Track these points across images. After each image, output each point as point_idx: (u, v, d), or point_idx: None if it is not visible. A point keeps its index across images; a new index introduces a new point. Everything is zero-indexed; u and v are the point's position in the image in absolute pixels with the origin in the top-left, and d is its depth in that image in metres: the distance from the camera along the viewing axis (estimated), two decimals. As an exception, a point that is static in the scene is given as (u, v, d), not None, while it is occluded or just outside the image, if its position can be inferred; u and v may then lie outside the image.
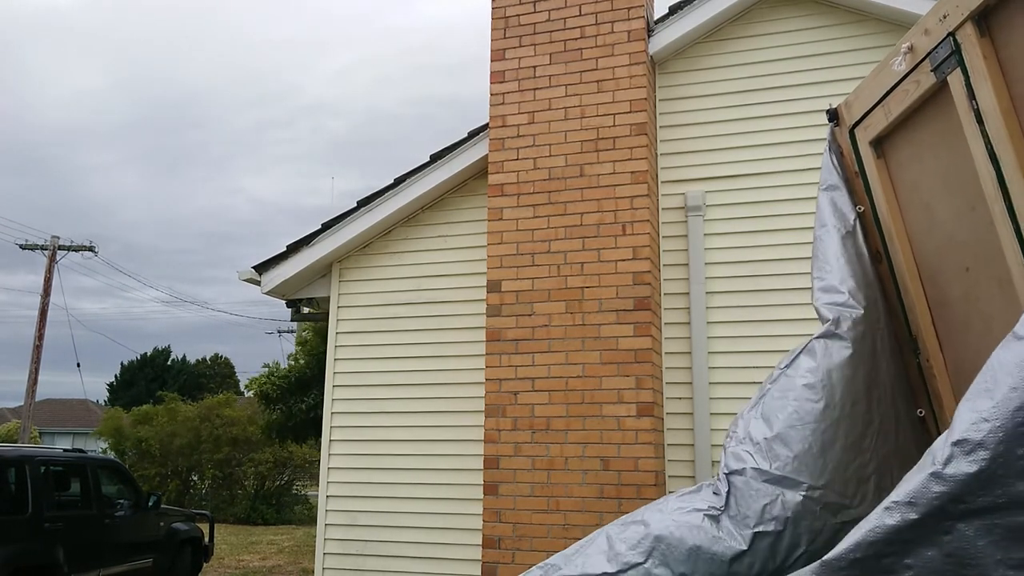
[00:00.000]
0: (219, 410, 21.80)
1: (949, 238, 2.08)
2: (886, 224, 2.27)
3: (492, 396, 5.55)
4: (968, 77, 1.89)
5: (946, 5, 1.93)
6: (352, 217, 6.50)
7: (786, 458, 2.10)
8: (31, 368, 24.46)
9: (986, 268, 1.89)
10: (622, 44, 5.71)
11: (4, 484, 7.57)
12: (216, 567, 12.09)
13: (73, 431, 40.07)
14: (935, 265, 2.15)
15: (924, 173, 2.14)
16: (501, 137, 5.89)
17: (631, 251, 5.43)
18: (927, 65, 2.00)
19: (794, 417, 2.14)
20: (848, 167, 2.39)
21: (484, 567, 5.33)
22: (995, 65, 1.84)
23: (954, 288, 2.10)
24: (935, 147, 2.04)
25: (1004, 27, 1.81)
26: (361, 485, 6.28)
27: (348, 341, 6.57)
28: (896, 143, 2.22)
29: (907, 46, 2.08)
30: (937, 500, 1.40)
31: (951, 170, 1.98)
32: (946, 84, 1.96)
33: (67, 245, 26.37)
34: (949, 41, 1.93)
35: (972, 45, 1.87)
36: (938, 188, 2.08)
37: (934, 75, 1.98)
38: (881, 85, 2.20)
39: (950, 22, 1.91)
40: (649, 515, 2.19)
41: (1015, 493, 1.33)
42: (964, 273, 2.03)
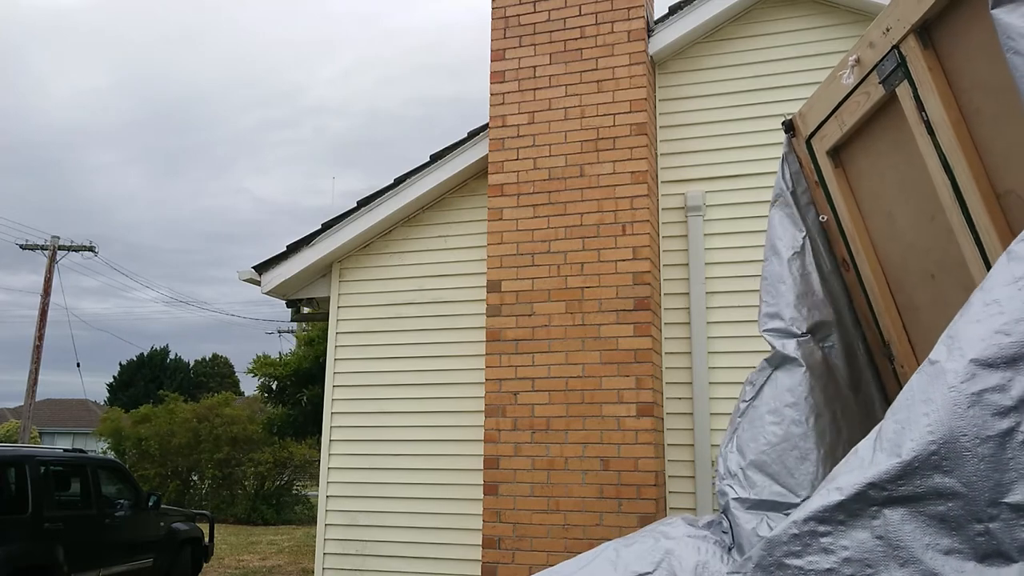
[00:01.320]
0: (219, 409, 21.78)
1: (912, 246, 2.08)
2: (850, 233, 2.26)
3: (492, 396, 5.55)
4: (916, 89, 1.88)
5: (888, 18, 1.91)
6: (352, 217, 6.51)
7: (761, 483, 2.18)
8: (31, 368, 24.46)
9: (951, 275, 1.89)
10: (622, 44, 5.72)
11: (4, 484, 7.56)
12: (216, 567, 12.09)
13: (73, 431, 40.06)
14: (901, 272, 2.15)
15: (882, 182, 2.13)
16: (501, 137, 5.89)
17: (631, 251, 5.44)
18: (875, 77, 1.99)
19: (762, 443, 2.23)
20: (808, 177, 2.37)
21: (484, 567, 5.33)
22: (941, 76, 1.83)
23: (922, 294, 2.09)
24: (891, 156, 2.02)
25: (947, 38, 1.80)
26: (361, 485, 6.28)
27: (348, 341, 6.57)
28: (853, 153, 2.21)
29: (854, 59, 2.06)
30: (859, 487, 1.56)
31: (908, 179, 1.97)
32: (895, 96, 1.95)
33: (67, 245, 26.38)
34: (894, 54, 1.91)
35: (917, 57, 1.86)
36: (897, 197, 2.07)
37: (883, 87, 1.97)
38: (833, 97, 2.18)
39: (893, 35, 1.90)
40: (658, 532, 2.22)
41: (932, 484, 1.48)
42: (930, 280, 2.03)
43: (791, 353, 2.26)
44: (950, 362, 1.48)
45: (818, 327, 2.28)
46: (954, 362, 1.48)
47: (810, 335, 2.27)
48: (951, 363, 1.48)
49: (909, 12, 1.83)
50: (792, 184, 2.41)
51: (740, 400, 2.35)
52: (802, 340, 2.26)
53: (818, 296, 2.31)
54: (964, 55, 1.77)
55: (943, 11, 1.77)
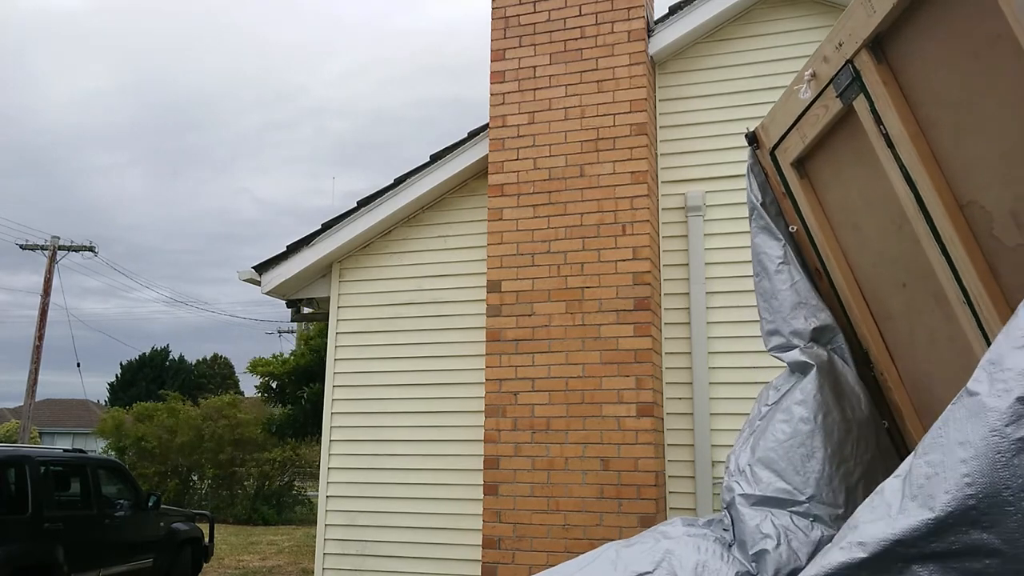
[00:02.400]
0: (226, 411, 21.75)
1: (882, 255, 2.07)
2: (820, 243, 2.25)
3: (492, 396, 5.55)
4: (872, 103, 1.86)
5: (840, 33, 1.89)
6: (352, 217, 6.50)
7: (767, 479, 2.15)
8: (31, 368, 24.46)
9: (921, 284, 1.88)
10: (622, 44, 5.71)
11: (4, 484, 7.56)
12: (216, 567, 12.08)
13: (73, 431, 40.05)
14: (873, 281, 2.14)
15: (848, 193, 2.12)
16: (501, 137, 5.89)
17: (631, 251, 5.43)
18: (832, 91, 1.97)
19: (771, 440, 2.20)
20: (775, 188, 2.35)
21: (484, 567, 5.33)
22: (896, 90, 1.81)
23: (894, 303, 2.08)
24: (854, 168, 2.01)
25: (900, 53, 1.78)
26: (361, 485, 6.28)
27: (348, 341, 6.57)
28: (817, 164, 2.19)
29: (810, 73, 2.04)
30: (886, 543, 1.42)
31: (872, 190, 1.95)
32: (853, 109, 1.93)
33: (67, 245, 26.38)
34: (849, 68, 1.89)
35: (871, 72, 1.84)
36: (863, 207, 2.06)
37: (840, 101, 1.95)
38: (792, 110, 2.16)
39: (846, 50, 1.88)
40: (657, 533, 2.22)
41: (969, 540, 1.34)
42: (902, 288, 2.02)
43: (799, 358, 2.24)
44: (992, 398, 1.32)
45: (820, 332, 2.27)
46: (997, 399, 1.32)
47: (814, 343, 2.26)
48: (994, 399, 1.32)
49: (860, 28, 1.82)
50: (761, 195, 2.38)
51: (761, 403, 2.32)
52: (805, 348, 2.24)
53: (812, 302, 2.29)
54: (918, 69, 1.76)
55: (893, 26, 1.76)
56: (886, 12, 1.73)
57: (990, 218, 1.68)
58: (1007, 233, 1.64)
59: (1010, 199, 1.62)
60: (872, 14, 1.77)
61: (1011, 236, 1.63)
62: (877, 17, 1.76)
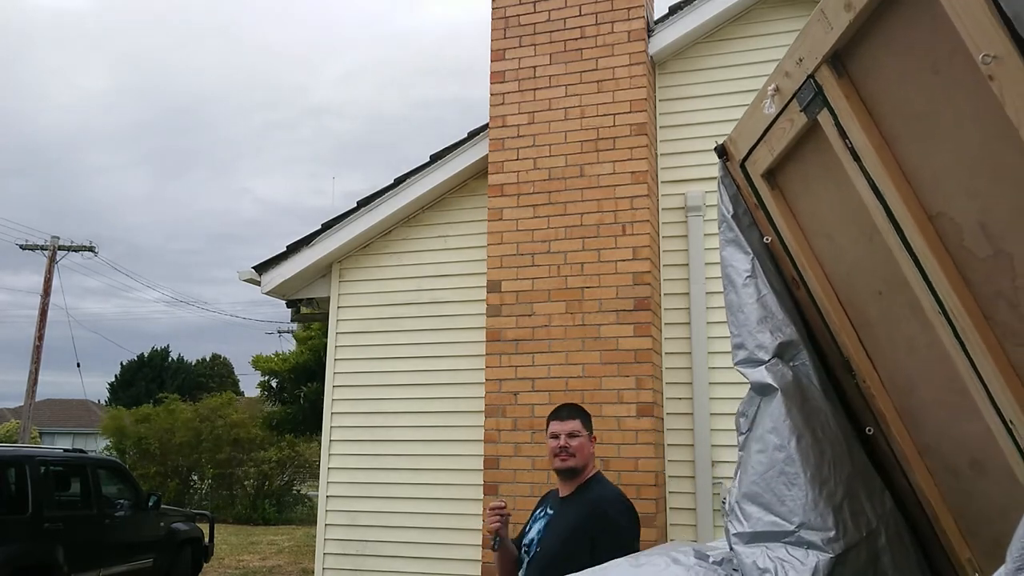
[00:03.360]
0: (221, 411, 21.79)
1: (856, 264, 2.06)
2: (795, 252, 2.24)
3: (492, 396, 5.55)
4: (836, 117, 1.86)
5: (799, 49, 1.88)
6: (352, 217, 6.51)
7: (756, 514, 2.14)
8: (31, 368, 24.46)
9: (896, 293, 1.88)
10: (622, 44, 5.71)
11: (4, 484, 7.57)
12: (216, 567, 12.09)
13: (73, 431, 40.05)
14: (849, 289, 2.14)
15: (818, 204, 2.12)
16: (501, 137, 5.89)
17: (631, 251, 5.43)
18: (796, 105, 1.96)
19: (751, 474, 2.19)
20: (747, 199, 2.34)
21: (484, 567, 5.33)
22: (859, 104, 1.81)
23: (872, 310, 2.08)
24: (823, 179, 2.00)
25: (860, 67, 1.78)
26: (361, 485, 6.28)
27: (348, 341, 6.57)
28: (787, 176, 2.18)
29: (773, 88, 2.03)
30: None
31: (843, 201, 1.95)
32: (818, 122, 1.93)
33: (67, 245, 26.38)
34: (811, 83, 1.89)
35: (832, 86, 1.84)
36: (835, 218, 2.06)
37: (805, 115, 1.95)
38: (758, 124, 2.15)
39: (807, 65, 1.87)
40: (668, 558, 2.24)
41: None
42: (878, 296, 2.01)
43: (764, 379, 2.21)
44: None
45: (784, 348, 2.26)
46: None
47: (778, 358, 2.24)
48: None
49: (818, 44, 1.81)
50: (732, 207, 2.36)
51: (738, 434, 2.33)
52: (770, 365, 2.22)
53: (778, 317, 2.27)
54: (879, 83, 1.76)
55: (852, 41, 1.75)
56: (843, 29, 1.72)
57: (960, 229, 1.68)
58: (977, 244, 1.64)
59: (977, 211, 1.63)
60: (829, 31, 1.77)
61: (981, 247, 1.63)
62: (835, 34, 1.75)
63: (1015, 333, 1.61)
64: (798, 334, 2.28)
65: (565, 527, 2.77)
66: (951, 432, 1.95)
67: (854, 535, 2.10)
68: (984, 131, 1.48)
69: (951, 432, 1.95)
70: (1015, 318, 1.60)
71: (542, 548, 2.77)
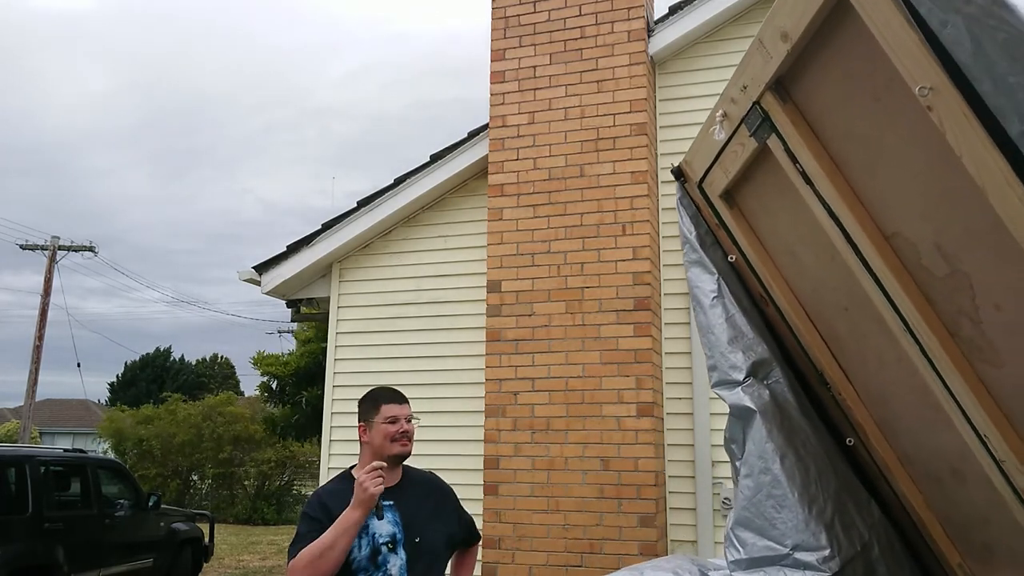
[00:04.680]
0: (221, 408, 21.80)
1: (821, 282, 2.06)
2: (760, 270, 2.23)
3: (492, 396, 5.55)
4: (785, 142, 1.86)
5: (743, 76, 1.88)
6: (352, 217, 6.51)
7: (751, 540, 2.15)
8: (31, 368, 24.46)
9: (862, 309, 1.87)
10: (622, 44, 5.71)
11: (4, 484, 7.57)
12: (216, 567, 12.09)
13: (73, 431, 40.03)
14: (817, 305, 2.13)
15: (778, 223, 2.11)
16: (501, 137, 5.89)
17: (631, 251, 5.43)
18: (745, 130, 1.96)
19: (742, 500, 2.19)
20: (708, 219, 2.33)
21: (484, 567, 5.33)
22: (806, 128, 1.81)
23: (840, 326, 2.08)
24: (779, 200, 2.00)
25: (803, 93, 1.78)
26: (361, 485, 6.28)
27: (348, 341, 6.57)
28: (744, 196, 2.17)
29: (721, 114, 2.03)
30: None
31: (801, 222, 1.94)
32: (768, 147, 1.92)
33: (67, 245, 26.38)
34: (757, 109, 1.88)
35: (778, 112, 1.83)
36: (795, 237, 2.05)
37: (754, 140, 1.94)
38: (710, 148, 2.14)
39: (751, 92, 1.87)
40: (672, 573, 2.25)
41: None
42: (844, 312, 2.01)
43: (742, 402, 2.22)
44: None
45: (757, 366, 2.25)
46: None
47: (752, 377, 2.24)
48: None
49: (760, 72, 1.81)
50: (694, 228, 2.34)
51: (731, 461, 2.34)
52: (746, 386, 2.22)
53: (748, 335, 2.26)
54: (823, 108, 1.76)
55: (792, 69, 1.75)
56: (781, 58, 1.72)
57: (916, 249, 1.68)
58: (935, 264, 1.64)
59: (931, 232, 1.63)
60: (769, 60, 1.77)
61: (939, 267, 1.64)
62: (774, 63, 1.75)
63: (980, 349, 1.61)
64: (770, 351, 2.28)
65: (433, 511, 2.83)
66: (929, 443, 1.95)
67: (848, 550, 2.10)
68: (929, 156, 1.48)
69: (929, 443, 1.95)
70: (979, 335, 1.60)
71: (424, 536, 2.68)
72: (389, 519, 2.66)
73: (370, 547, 2.56)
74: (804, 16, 1.60)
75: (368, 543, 2.56)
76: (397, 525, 2.66)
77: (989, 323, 1.57)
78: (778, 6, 1.67)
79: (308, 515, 2.60)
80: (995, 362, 1.60)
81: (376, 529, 2.60)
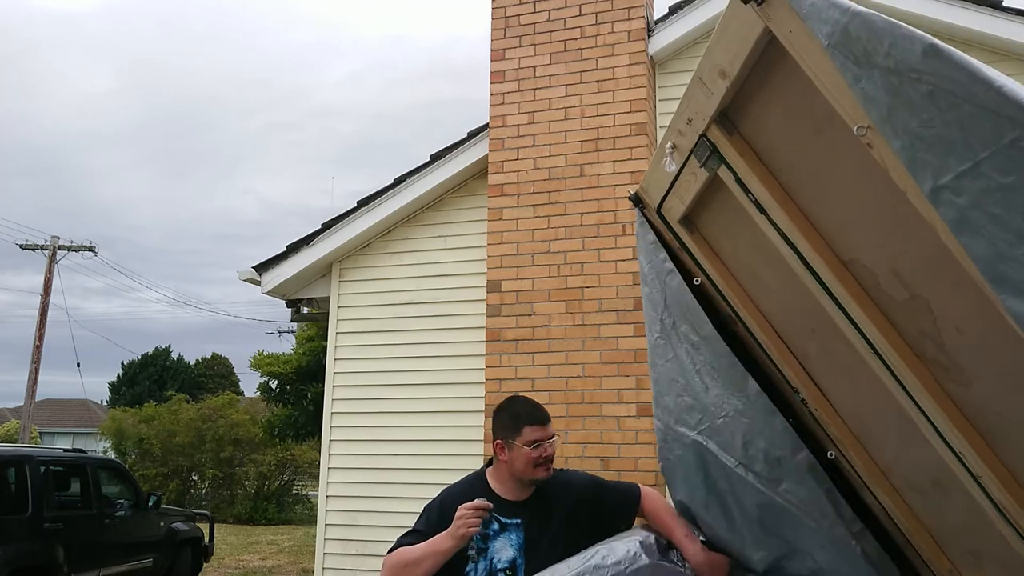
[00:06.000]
0: (222, 411, 21.80)
1: (786, 304, 2.05)
2: (725, 292, 2.22)
3: (492, 396, 5.55)
4: (736, 173, 1.85)
5: (687, 110, 1.87)
6: (352, 217, 6.50)
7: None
8: (31, 368, 24.46)
9: (828, 331, 1.86)
10: (622, 44, 5.71)
11: (4, 484, 7.57)
12: (216, 567, 12.09)
13: (73, 431, 40.06)
14: (785, 326, 2.12)
15: (739, 248, 2.10)
16: (501, 137, 5.89)
17: (631, 251, 5.43)
18: (695, 161, 1.95)
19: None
20: (670, 243, 2.32)
21: (484, 567, 5.33)
22: (755, 159, 1.80)
23: (810, 345, 2.08)
24: (738, 225, 1.99)
25: (748, 125, 1.78)
26: (361, 485, 6.28)
27: (348, 341, 6.57)
28: (703, 221, 2.16)
29: (670, 146, 2.02)
30: None
31: (760, 247, 1.93)
32: (720, 177, 1.92)
33: (67, 245, 26.37)
34: (704, 141, 1.88)
35: (725, 145, 1.83)
36: (757, 261, 2.04)
37: (705, 170, 1.94)
38: (663, 179, 2.13)
39: (697, 125, 1.86)
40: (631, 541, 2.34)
41: None
42: (812, 333, 2.01)
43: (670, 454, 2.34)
44: None
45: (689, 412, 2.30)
46: None
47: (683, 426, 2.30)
48: None
49: (703, 107, 1.81)
50: (651, 255, 2.32)
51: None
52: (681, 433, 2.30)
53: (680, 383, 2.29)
54: (769, 140, 1.76)
55: (735, 103, 1.75)
56: (722, 94, 1.72)
57: (875, 275, 1.68)
58: (894, 288, 1.64)
59: (887, 259, 1.62)
60: (710, 96, 1.76)
61: (898, 291, 1.63)
62: (716, 99, 1.75)
63: (948, 370, 1.60)
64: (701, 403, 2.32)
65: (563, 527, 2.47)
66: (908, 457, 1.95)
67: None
68: (876, 189, 1.47)
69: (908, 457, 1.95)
70: (944, 356, 1.59)
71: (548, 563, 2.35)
72: (512, 542, 2.43)
73: (487, 571, 2.39)
74: (738, 56, 1.60)
75: (485, 567, 2.39)
76: (520, 549, 2.42)
77: (953, 345, 1.56)
78: (713, 44, 1.66)
79: (426, 513, 2.53)
80: (963, 382, 1.59)
81: (495, 553, 2.41)
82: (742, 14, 1.51)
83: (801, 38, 1.41)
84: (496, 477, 2.54)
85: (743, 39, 1.56)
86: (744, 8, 1.49)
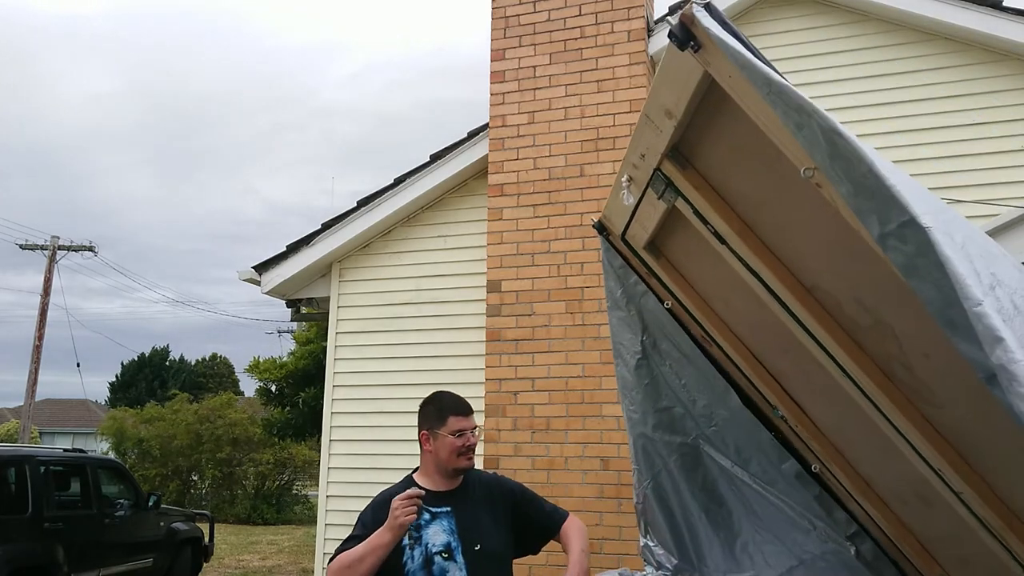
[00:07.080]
0: (221, 411, 21.81)
1: (757, 326, 2.07)
2: (697, 315, 2.23)
3: (492, 396, 5.55)
4: (693, 206, 1.86)
5: (640, 146, 1.88)
6: (352, 217, 6.50)
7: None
8: (31, 368, 24.45)
9: (799, 351, 1.87)
10: (622, 44, 5.71)
11: (4, 484, 7.56)
12: (216, 567, 12.09)
13: (73, 431, 40.04)
14: (758, 346, 2.14)
15: (705, 273, 2.11)
16: (501, 137, 5.89)
17: (631, 251, 5.43)
18: (653, 193, 1.96)
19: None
20: (638, 268, 2.33)
21: (484, 567, 5.33)
22: (711, 192, 1.81)
23: (784, 364, 2.09)
24: (702, 254, 2.00)
25: (701, 161, 1.79)
26: (361, 485, 6.27)
27: (348, 341, 6.57)
28: (669, 247, 2.18)
29: (626, 179, 2.03)
30: None
31: (725, 274, 1.94)
32: (678, 208, 1.93)
33: (67, 245, 26.36)
34: (659, 174, 1.89)
35: (680, 178, 1.84)
36: (725, 286, 2.05)
37: (663, 202, 1.95)
38: (624, 210, 2.14)
39: (650, 160, 1.87)
40: None
41: None
42: (785, 354, 2.02)
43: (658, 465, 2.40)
44: None
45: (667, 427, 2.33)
46: None
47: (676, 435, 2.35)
48: None
49: (654, 143, 1.81)
50: (620, 281, 2.33)
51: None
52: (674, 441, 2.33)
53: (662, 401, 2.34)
54: (723, 175, 1.77)
55: (684, 139, 1.76)
56: (670, 132, 1.73)
57: (838, 301, 1.68)
58: (859, 315, 1.65)
59: (848, 287, 1.63)
60: (659, 133, 1.78)
61: (863, 317, 1.64)
62: (665, 136, 1.76)
63: (918, 392, 1.61)
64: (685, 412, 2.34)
65: (493, 515, 2.66)
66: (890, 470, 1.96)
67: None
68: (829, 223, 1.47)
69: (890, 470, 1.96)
70: (914, 380, 1.60)
71: (485, 543, 2.58)
72: (444, 527, 2.58)
73: (423, 556, 2.51)
74: (682, 97, 1.61)
75: (421, 553, 2.53)
76: (452, 533, 2.57)
77: (920, 368, 1.57)
78: (658, 84, 1.66)
79: (360, 519, 2.65)
80: (936, 403, 1.60)
81: (429, 539, 2.55)
82: (680, 59, 1.51)
83: (741, 83, 1.41)
84: (423, 473, 2.75)
85: (684, 82, 1.57)
86: (682, 54, 1.49)
